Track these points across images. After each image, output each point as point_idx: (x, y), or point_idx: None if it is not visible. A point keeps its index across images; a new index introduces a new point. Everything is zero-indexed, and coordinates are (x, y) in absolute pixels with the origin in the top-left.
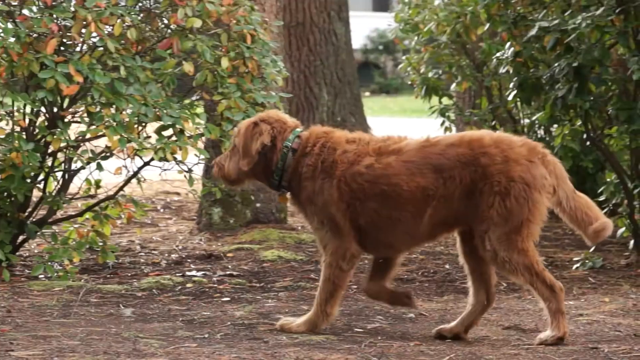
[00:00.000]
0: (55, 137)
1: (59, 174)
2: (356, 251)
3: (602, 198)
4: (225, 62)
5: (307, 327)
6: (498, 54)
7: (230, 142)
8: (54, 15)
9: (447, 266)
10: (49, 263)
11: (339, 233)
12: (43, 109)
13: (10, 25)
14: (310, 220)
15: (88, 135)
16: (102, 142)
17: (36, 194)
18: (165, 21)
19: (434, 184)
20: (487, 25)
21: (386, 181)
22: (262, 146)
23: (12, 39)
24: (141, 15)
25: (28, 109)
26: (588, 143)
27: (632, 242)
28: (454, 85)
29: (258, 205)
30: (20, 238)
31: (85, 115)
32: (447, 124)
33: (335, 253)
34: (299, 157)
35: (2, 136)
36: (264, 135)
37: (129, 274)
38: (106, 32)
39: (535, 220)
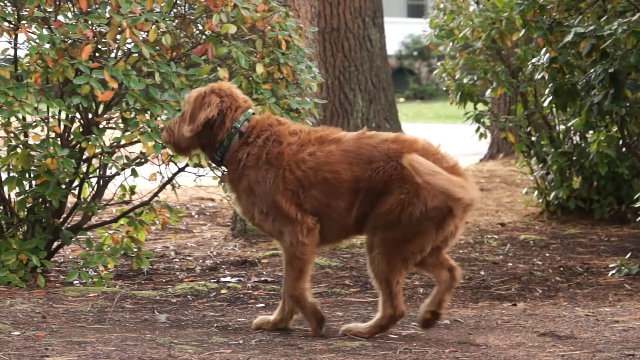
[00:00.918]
0: (90, 143)
1: (94, 180)
2: (312, 223)
3: (638, 204)
4: (260, 68)
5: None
6: (533, 60)
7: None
8: (89, 22)
9: (482, 272)
10: (84, 269)
11: (287, 216)
12: (78, 115)
13: (45, 32)
14: (247, 208)
15: (123, 142)
16: (136, 148)
17: (71, 200)
18: (200, 27)
19: (365, 175)
20: (523, 31)
21: (329, 168)
22: (206, 119)
23: (47, 45)
24: (176, 21)
25: (63, 115)
26: (624, 149)
27: None
28: (489, 91)
29: None
30: (55, 244)
31: (120, 121)
32: (482, 130)
33: (293, 232)
34: (242, 143)
35: (37, 142)
36: (212, 107)
37: (164, 280)
38: (141, 38)
39: (413, 244)
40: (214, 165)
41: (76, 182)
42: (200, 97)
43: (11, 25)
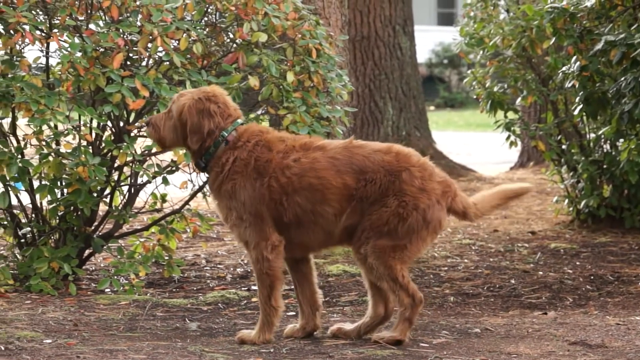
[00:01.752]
0: (121, 151)
1: (125, 188)
2: (277, 240)
3: None
4: (290, 77)
5: (264, 331)
6: (564, 68)
7: (169, 105)
8: (121, 30)
9: (512, 281)
10: (115, 277)
11: (258, 227)
12: (109, 124)
13: (77, 40)
14: (226, 213)
15: (154, 150)
16: (167, 156)
17: (102, 208)
18: (231, 35)
19: (357, 185)
20: (553, 39)
21: (315, 174)
22: (211, 129)
23: (79, 54)
24: (207, 29)
25: (94, 124)
26: None
27: None
28: (519, 99)
29: None
30: (87, 252)
31: None
32: (512, 138)
33: (257, 247)
34: (228, 149)
35: (69, 150)
36: (218, 118)
37: (195, 288)
38: (172, 46)
39: (410, 250)
40: (196, 168)
41: (107, 190)
42: (197, 104)
43: (43, 34)
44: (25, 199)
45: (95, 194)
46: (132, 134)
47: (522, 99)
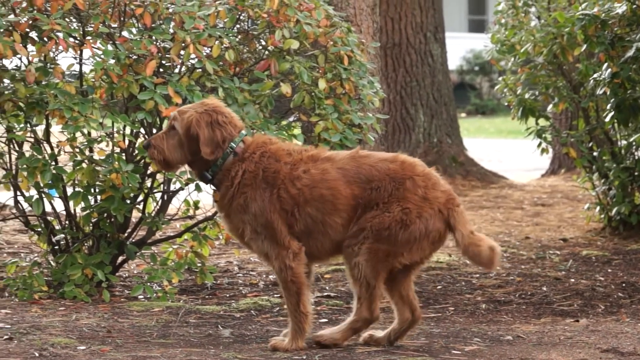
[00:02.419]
0: None
1: (158, 195)
2: (297, 247)
3: None
4: (322, 84)
5: (296, 338)
6: (595, 75)
7: (167, 125)
8: (153, 37)
9: (544, 288)
10: (148, 284)
11: (276, 238)
12: (142, 130)
13: (110, 47)
14: (241, 228)
15: None
16: None
17: (135, 214)
18: (263, 43)
19: (363, 194)
20: (584, 46)
21: (325, 185)
22: (224, 138)
23: (112, 61)
24: (239, 36)
25: (128, 130)
26: None
27: None
28: (550, 106)
29: None
30: (120, 259)
31: None
32: (543, 145)
33: (279, 257)
34: (236, 161)
35: (102, 157)
36: (230, 128)
37: (227, 295)
38: (204, 53)
39: (405, 258)
40: (201, 182)
41: (141, 197)
42: (202, 117)
43: (76, 41)
44: (59, 205)
45: (128, 201)
46: None
47: (553, 106)
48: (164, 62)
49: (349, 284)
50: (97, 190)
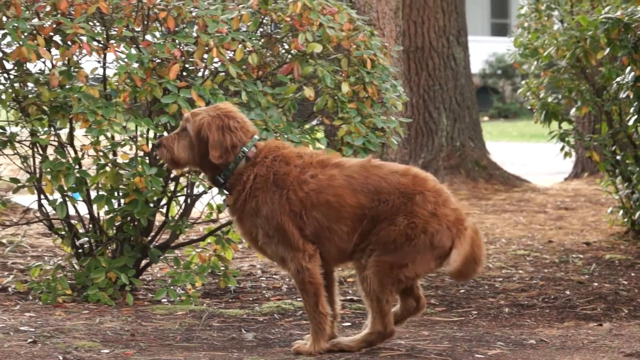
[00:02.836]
0: None
1: (182, 199)
2: (312, 249)
3: None
4: (345, 87)
5: (317, 340)
6: (618, 79)
7: (180, 126)
8: (177, 41)
9: (567, 292)
10: (172, 287)
11: (289, 241)
12: (166, 134)
13: (133, 51)
14: (255, 232)
15: None
16: None
17: (159, 218)
18: (286, 46)
19: (370, 205)
20: (607, 49)
21: (332, 192)
22: (232, 143)
23: (136, 65)
24: (262, 40)
25: (151, 134)
26: None
27: None
28: (573, 110)
29: None
30: (144, 262)
31: None
32: (566, 148)
33: (294, 259)
34: (249, 166)
35: (126, 161)
36: (240, 133)
37: (251, 299)
38: (228, 57)
39: (409, 271)
40: (214, 186)
41: (164, 201)
42: (214, 120)
43: (100, 45)
44: (83, 209)
45: (152, 205)
46: None
47: (576, 109)
48: (187, 65)
49: (362, 297)
50: (120, 193)
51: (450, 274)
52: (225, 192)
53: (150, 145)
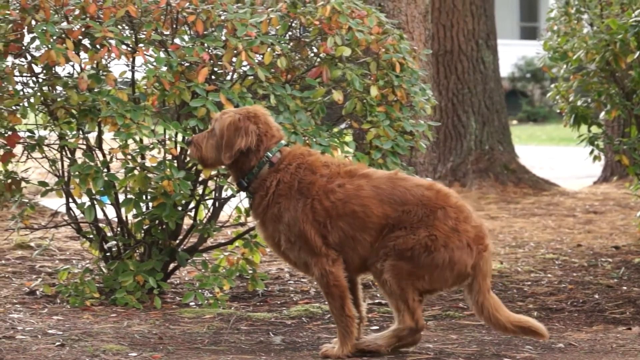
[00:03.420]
0: None
1: (210, 202)
2: (335, 254)
3: None
4: (374, 91)
5: (345, 343)
6: None
7: (210, 124)
8: (206, 44)
9: (596, 296)
10: (200, 290)
11: (312, 248)
12: None
13: (162, 55)
14: (277, 238)
15: None
16: None
17: (187, 221)
18: (315, 50)
19: (394, 215)
20: (637, 53)
21: (358, 202)
22: (246, 147)
23: (165, 68)
24: (291, 44)
25: (179, 137)
26: None
27: None
28: (603, 113)
29: None
30: (172, 266)
31: None
32: (595, 152)
33: (318, 263)
34: (272, 171)
35: (154, 164)
36: (251, 137)
37: (279, 302)
38: (256, 60)
39: (425, 282)
40: (238, 188)
41: (192, 204)
42: (235, 122)
43: (129, 49)
44: (111, 212)
45: (180, 208)
46: None
47: (605, 113)
48: (216, 69)
49: (387, 301)
50: (148, 197)
51: (479, 312)
52: (249, 195)
53: (178, 149)
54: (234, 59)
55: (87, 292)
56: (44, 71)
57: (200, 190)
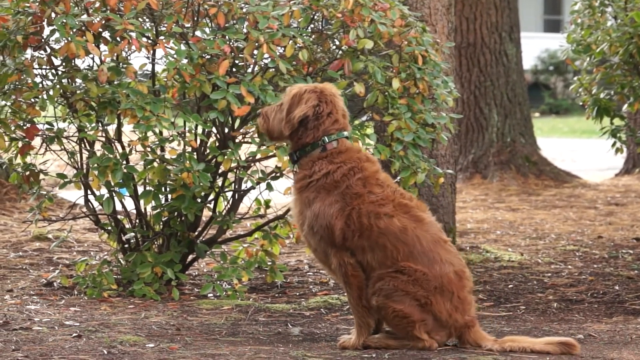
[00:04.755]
0: (226, 157)
1: (229, 194)
2: (354, 260)
3: None
4: (396, 83)
5: (362, 333)
6: None
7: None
8: (227, 37)
9: (616, 287)
10: (218, 282)
11: (333, 241)
12: (214, 130)
13: (183, 47)
14: (302, 220)
15: (258, 156)
16: (272, 163)
17: (206, 213)
18: (337, 42)
19: (415, 267)
20: None
21: (394, 241)
22: (301, 117)
23: (185, 61)
24: (313, 36)
25: (199, 130)
26: None
27: None
28: (625, 106)
29: None
30: (190, 257)
31: (255, 135)
32: (618, 144)
33: (337, 254)
34: (324, 158)
35: (174, 156)
36: (307, 106)
37: (297, 293)
38: (278, 53)
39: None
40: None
41: (212, 196)
42: (299, 93)
43: (149, 41)
44: (130, 204)
45: (199, 200)
46: (236, 140)
47: (628, 105)
48: (237, 61)
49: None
50: (168, 189)
51: None
52: (295, 170)
53: (198, 141)
54: (255, 52)
55: (105, 283)
56: (64, 64)
57: (219, 182)
